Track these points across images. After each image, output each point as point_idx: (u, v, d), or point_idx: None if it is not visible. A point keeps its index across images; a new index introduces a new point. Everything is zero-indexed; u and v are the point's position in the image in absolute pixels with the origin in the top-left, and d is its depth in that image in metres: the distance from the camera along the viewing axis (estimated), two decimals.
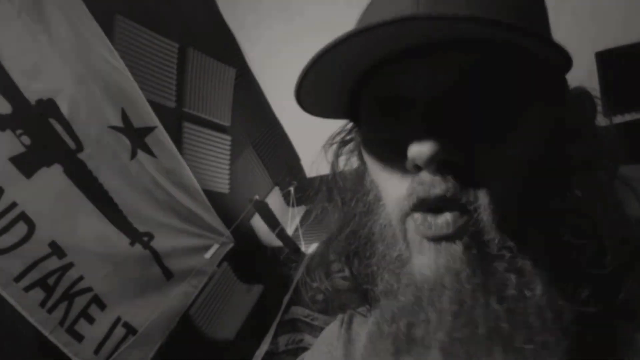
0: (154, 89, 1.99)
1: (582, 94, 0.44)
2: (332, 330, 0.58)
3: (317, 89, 0.40)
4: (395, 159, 0.39)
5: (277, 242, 2.57)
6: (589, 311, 0.37)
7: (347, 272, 0.50)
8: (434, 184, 0.36)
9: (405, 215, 0.39)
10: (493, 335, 0.35)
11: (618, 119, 1.90)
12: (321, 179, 0.55)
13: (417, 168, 0.37)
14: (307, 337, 2.21)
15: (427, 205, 0.37)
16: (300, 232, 2.74)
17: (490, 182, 0.36)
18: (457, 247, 0.36)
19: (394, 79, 0.39)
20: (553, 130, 0.39)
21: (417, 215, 0.38)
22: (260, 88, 2.69)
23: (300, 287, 2.43)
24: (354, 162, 0.51)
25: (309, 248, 2.63)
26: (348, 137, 0.51)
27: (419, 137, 0.35)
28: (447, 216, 0.37)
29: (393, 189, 0.40)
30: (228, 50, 2.46)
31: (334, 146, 0.53)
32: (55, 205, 1.55)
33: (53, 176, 1.54)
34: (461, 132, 0.36)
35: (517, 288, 0.36)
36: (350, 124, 0.51)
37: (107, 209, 1.70)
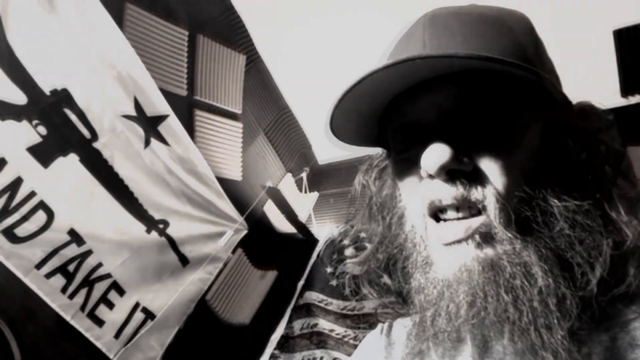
0: (165, 77, 2.00)
1: (585, 106, 0.50)
2: (374, 336, 0.64)
3: (347, 121, 0.49)
4: (413, 174, 0.47)
5: (290, 228, 2.59)
6: (588, 295, 0.42)
7: (386, 278, 0.57)
8: (443, 189, 0.43)
9: (426, 223, 0.47)
10: (502, 319, 0.42)
11: (635, 99, 1.86)
12: (362, 200, 0.62)
13: (431, 177, 0.44)
14: (322, 322, 2.23)
15: (440, 210, 0.45)
16: (313, 217, 2.75)
17: (494, 183, 0.43)
18: (469, 249, 0.43)
19: (407, 109, 0.47)
20: (552, 141, 0.46)
21: (433, 223, 0.46)
22: (270, 75, 2.68)
23: (314, 272, 2.46)
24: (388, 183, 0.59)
25: (322, 233, 2.65)
26: (383, 164, 0.60)
27: (429, 152, 0.43)
28: (458, 226, 0.44)
29: (413, 197, 0.48)
30: (238, 37, 2.45)
31: (373, 171, 0.61)
32: (73, 193, 1.58)
33: (69, 165, 1.57)
34: (465, 144, 0.43)
35: (522, 279, 0.41)
36: (383, 152, 0.60)
37: (122, 197, 1.72)
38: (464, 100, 0.44)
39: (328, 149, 3.00)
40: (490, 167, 0.43)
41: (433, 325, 0.46)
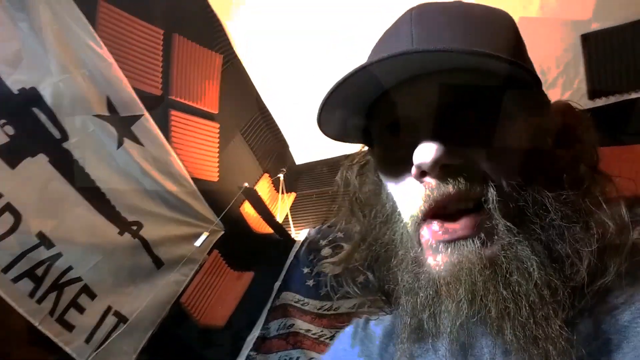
0: (139, 77, 1.96)
1: (564, 106, 0.52)
2: (348, 332, 0.64)
3: (334, 116, 0.48)
4: (405, 172, 0.46)
5: (267, 229, 2.58)
6: (579, 285, 0.42)
7: (369, 276, 0.57)
8: (439, 186, 0.43)
9: (420, 222, 0.45)
10: (502, 315, 0.42)
11: (602, 102, 1.93)
12: (344, 196, 0.61)
13: (423, 174, 0.43)
14: (298, 322, 2.23)
15: (443, 210, 0.44)
16: (290, 218, 2.75)
17: (490, 175, 0.43)
18: (472, 246, 0.43)
19: (397, 105, 0.46)
20: (539, 135, 0.47)
21: (435, 223, 0.44)
22: (247, 74, 2.66)
23: (291, 273, 2.45)
24: (370, 180, 0.58)
25: (299, 234, 2.65)
26: (364, 160, 0.60)
27: (421, 147, 0.42)
28: (464, 221, 0.43)
29: (406, 197, 0.47)
30: (214, 36, 2.43)
31: (355, 167, 0.60)
32: (42, 195, 1.54)
33: (38, 166, 1.53)
34: (456, 140, 0.43)
35: (518, 275, 0.42)
36: (365, 148, 0.59)
37: (94, 199, 1.69)
38: (455, 96, 0.44)
39: (305, 150, 3.01)
40: (483, 160, 0.43)
41: (434, 326, 0.45)
